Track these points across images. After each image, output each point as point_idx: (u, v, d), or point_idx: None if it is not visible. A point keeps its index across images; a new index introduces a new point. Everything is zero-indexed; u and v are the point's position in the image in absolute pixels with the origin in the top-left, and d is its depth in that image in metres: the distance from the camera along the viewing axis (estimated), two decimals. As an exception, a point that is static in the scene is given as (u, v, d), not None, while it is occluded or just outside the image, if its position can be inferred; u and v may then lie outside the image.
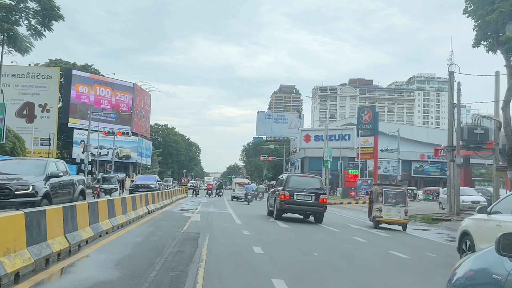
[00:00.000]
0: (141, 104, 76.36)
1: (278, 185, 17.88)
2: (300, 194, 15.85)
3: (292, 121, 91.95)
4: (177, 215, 16.46)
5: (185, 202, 27.70)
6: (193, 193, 39.18)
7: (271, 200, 18.26)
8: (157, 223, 13.66)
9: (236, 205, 28.78)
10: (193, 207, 22.51)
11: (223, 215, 18.30)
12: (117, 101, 69.17)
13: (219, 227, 13.06)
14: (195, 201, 30.86)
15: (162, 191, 23.10)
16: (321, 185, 16.96)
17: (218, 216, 17.79)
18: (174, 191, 29.06)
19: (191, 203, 26.44)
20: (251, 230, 12.89)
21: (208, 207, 23.17)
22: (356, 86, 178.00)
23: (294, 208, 16.21)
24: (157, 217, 15.85)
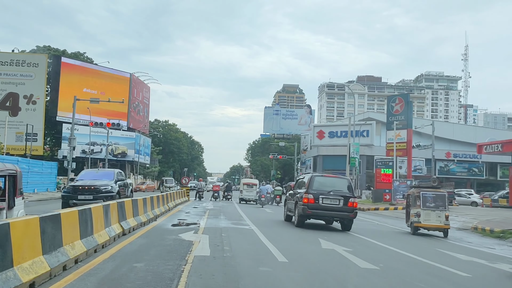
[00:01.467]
0: (139, 96, 69.81)
1: (298, 187, 16.05)
2: (326, 198, 14.05)
3: (302, 117, 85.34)
4: (169, 241, 9.68)
5: (185, 210, 21.08)
6: (196, 196, 32.68)
7: (290, 204, 16.35)
8: (117, 271, 6.59)
9: (251, 211, 22.57)
10: (196, 219, 15.92)
11: (245, 235, 11.72)
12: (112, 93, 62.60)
13: (252, 278, 6.40)
14: (199, 207, 24.27)
15: (155, 196, 16.47)
16: (350, 187, 14.78)
17: (237, 236, 11.26)
18: (172, 195, 22.50)
19: (193, 212, 19.83)
20: (310, 277, 6.32)
21: (218, 218, 16.56)
22: (364, 83, 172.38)
23: (319, 213, 14.32)
24: (132, 245, 9.16)
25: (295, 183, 17.95)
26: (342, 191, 14.38)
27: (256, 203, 33.22)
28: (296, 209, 14.78)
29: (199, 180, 33.88)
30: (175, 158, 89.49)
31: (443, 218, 14.40)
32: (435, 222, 14.44)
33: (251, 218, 17.74)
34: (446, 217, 14.44)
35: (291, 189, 18.20)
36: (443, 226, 14.50)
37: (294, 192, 16.03)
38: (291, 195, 16.48)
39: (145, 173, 75.94)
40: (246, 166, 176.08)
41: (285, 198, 18.45)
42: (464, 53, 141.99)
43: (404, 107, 40.04)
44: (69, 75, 57.72)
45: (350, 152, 37.03)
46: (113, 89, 62.20)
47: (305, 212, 14.06)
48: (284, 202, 18.75)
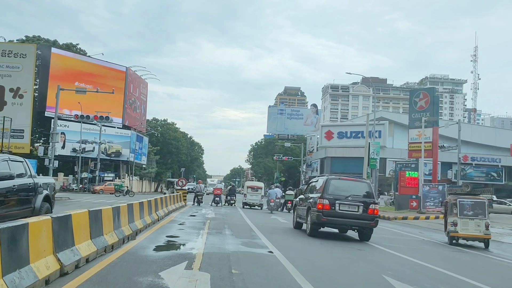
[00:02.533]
0: (136, 92, 65.52)
1: (310, 191, 14.66)
2: (343, 204, 12.54)
3: (308, 117, 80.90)
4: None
5: (180, 219, 16.73)
6: (195, 201, 28.35)
7: (300, 210, 14.94)
8: None
9: (261, 220, 18.45)
10: (192, 236, 11.56)
11: (268, 270, 7.27)
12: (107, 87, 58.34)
13: None
14: (197, 214, 19.93)
15: (137, 202, 12.14)
16: (370, 192, 13.16)
17: (257, 274, 6.86)
18: (164, 200, 18.16)
19: (189, 223, 15.46)
20: None
21: (222, 235, 12.16)
22: (369, 85, 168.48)
23: (336, 221, 12.74)
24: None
25: (307, 187, 16.07)
26: (361, 196, 12.89)
27: (261, 208, 29.50)
28: (309, 216, 13.24)
29: (198, 182, 29.49)
30: (174, 159, 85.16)
31: (483, 227, 13.38)
32: (474, 232, 13.42)
33: (266, 232, 13.44)
34: (486, 226, 13.41)
35: (302, 193, 16.39)
36: (483, 236, 13.45)
37: (306, 197, 14.53)
38: (302, 200, 14.97)
39: (142, 174, 71.58)
40: (247, 169, 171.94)
41: (295, 203, 16.78)
42: (474, 54, 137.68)
43: (429, 102, 35.74)
44: (60, 67, 53.44)
45: (369, 152, 32.66)
46: (108, 83, 57.87)
47: (319, 219, 12.57)
48: (293, 207, 17.25)
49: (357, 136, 62.38)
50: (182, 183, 27.88)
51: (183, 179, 28.53)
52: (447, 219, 14.33)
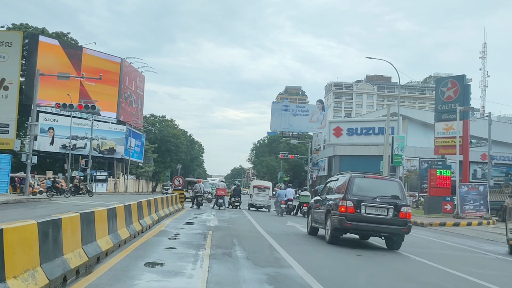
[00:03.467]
0: (132, 86, 61.41)
1: (327, 192, 12.73)
2: (370, 206, 10.85)
3: (313, 113, 76.76)
4: None
5: (172, 229, 12.67)
6: (194, 203, 24.32)
7: (317, 214, 12.97)
8: None
9: (277, 228, 14.67)
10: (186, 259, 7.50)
11: None
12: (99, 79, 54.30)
13: None
14: (196, 222, 15.89)
15: (109, 208, 8.03)
16: (401, 192, 11.24)
17: None
18: (154, 203, 14.11)
19: (185, 236, 11.36)
20: None
21: (232, 259, 8.03)
22: (373, 83, 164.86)
23: (362, 227, 10.92)
24: None
25: (324, 187, 14.09)
26: (390, 197, 11.25)
27: (269, 210, 25.99)
28: (329, 221, 11.65)
29: (198, 181, 25.37)
30: (173, 157, 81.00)
31: None
32: None
33: (291, 249, 9.48)
34: None
35: (318, 194, 14.29)
36: None
37: (323, 198, 12.94)
38: (318, 202, 13.31)
39: (138, 173, 67.47)
40: (248, 168, 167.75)
41: (309, 205, 14.71)
42: (482, 51, 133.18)
43: (459, 92, 31.67)
44: (49, 57, 49.33)
45: (393, 148, 28.60)
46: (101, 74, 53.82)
47: (342, 224, 10.99)
48: (307, 210, 15.33)
49: (368, 133, 58.31)
50: (178, 182, 23.78)
51: (180, 178, 24.38)
52: (507, 225, 12.79)
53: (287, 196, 24.60)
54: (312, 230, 13.58)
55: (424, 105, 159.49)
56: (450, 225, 21.90)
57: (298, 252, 9.40)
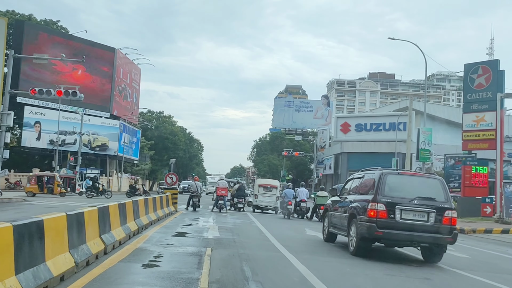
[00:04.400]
0: (126, 78, 57.67)
1: (348, 192, 11.03)
2: (407, 210, 9.06)
3: (318, 109, 73.02)
4: None
5: (155, 244, 8.98)
6: (189, 205, 20.63)
7: (336, 217, 11.13)
8: None
9: (297, 239, 11.40)
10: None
11: None
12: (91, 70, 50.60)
13: None
14: (190, 231, 12.30)
15: (74, 213, 4.25)
16: (444, 192, 9.46)
17: None
18: (134, 206, 10.42)
19: (168, 258, 7.68)
20: None
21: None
22: (377, 80, 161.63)
23: (397, 236, 9.08)
24: None
25: (344, 186, 11.99)
26: (431, 198, 9.27)
27: (276, 213, 22.80)
28: (353, 228, 9.55)
29: (193, 179, 21.63)
30: (170, 155, 77.23)
31: None
32: None
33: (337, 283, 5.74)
34: None
35: (337, 194, 12.09)
36: None
37: (343, 199, 11.00)
38: (337, 204, 11.34)
39: (133, 171, 63.72)
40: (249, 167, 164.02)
41: (326, 207, 12.67)
42: (490, 47, 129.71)
43: (491, 79, 27.91)
44: (35, 46, 45.56)
45: (419, 141, 24.92)
46: (92, 65, 50.18)
47: (371, 233, 8.94)
48: (323, 213, 13.18)
49: (378, 129, 54.65)
50: (171, 180, 20.04)
51: (173, 175, 20.53)
52: None
53: (300, 196, 21.02)
54: (329, 237, 11.73)
55: (429, 103, 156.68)
56: (498, 232, 18.26)
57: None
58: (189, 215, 17.72)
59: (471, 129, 28.54)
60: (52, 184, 30.23)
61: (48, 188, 30.19)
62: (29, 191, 29.73)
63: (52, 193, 29.75)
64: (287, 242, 10.76)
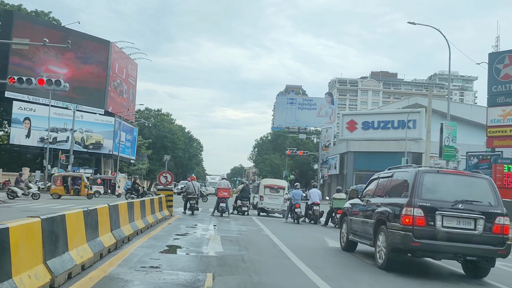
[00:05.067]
0: (122, 74, 55.10)
1: (372, 193, 9.45)
2: (450, 216, 7.66)
3: (322, 107, 70.47)
4: None
5: (132, 272, 6.37)
6: (187, 208, 18.10)
7: (356, 223, 9.72)
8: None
9: (323, 254, 8.80)
10: None
11: None
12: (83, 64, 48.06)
13: None
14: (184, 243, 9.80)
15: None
16: (493, 195, 7.98)
17: None
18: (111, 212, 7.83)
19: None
20: None
21: None
22: (379, 79, 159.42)
23: (438, 247, 7.60)
24: None
25: (367, 186, 10.12)
26: (479, 202, 7.85)
27: (283, 216, 20.20)
28: (382, 236, 8.14)
29: (190, 179, 19.04)
30: (169, 154, 74.72)
31: None
32: None
33: None
34: None
35: (358, 196, 10.33)
36: None
37: (365, 201, 9.54)
38: (358, 208, 9.79)
39: (130, 171, 61.14)
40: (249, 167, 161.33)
41: (344, 210, 10.84)
42: (495, 45, 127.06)
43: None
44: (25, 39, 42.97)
45: (442, 137, 22.39)
46: (85, 59, 47.67)
47: (407, 243, 7.52)
48: (340, 218, 11.37)
49: (386, 127, 52.05)
50: (166, 180, 17.47)
51: (168, 173, 17.93)
52: None
53: (311, 198, 18.44)
54: (348, 245, 10.22)
55: (439, 100, 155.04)
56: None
57: None
58: (186, 221, 15.15)
59: (497, 125, 26.11)
60: (79, 185, 28.23)
61: (74, 189, 28.31)
62: (55, 193, 27.86)
63: (79, 194, 27.84)
64: (311, 259, 8.23)
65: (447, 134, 22.63)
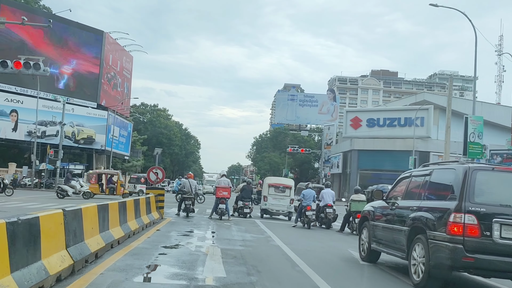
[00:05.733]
0: (116, 66, 52.60)
1: (404, 195, 7.99)
2: (510, 224, 6.20)
3: (323, 104, 68.07)
4: None
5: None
6: (181, 209, 15.73)
7: (381, 230, 8.28)
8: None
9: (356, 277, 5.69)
10: None
11: None
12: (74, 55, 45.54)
13: None
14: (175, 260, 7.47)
15: None
16: None
17: None
18: (68, 220, 5.40)
19: None
20: None
21: None
22: (379, 78, 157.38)
23: (499, 264, 6.14)
24: None
25: (394, 186, 8.65)
26: None
27: (289, 219, 18.37)
28: (421, 248, 6.73)
29: (187, 177, 16.62)
30: (165, 151, 72.18)
31: None
32: None
33: None
34: None
35: (382, 197, 8.74)
36: None
37: (391, 204, 8.06)
38: (382, 211, 8.33)
39: (124, 168, 58.68)
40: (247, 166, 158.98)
41: (363, 214, 9.28)
42: (499, 44, 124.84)
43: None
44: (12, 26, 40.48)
45: (467, 133, 20.06)
46: (77, 49, 45.17)
47: (458, 258, 6.13)
48: (359, 222, 9.52)
49: (392, 124, 49.72)
50: (156, 177, 15.00)
51: (158, 169, 15.36)
52: None
53: (324, 200, 16.11)
54: (369, 256, 8.75)
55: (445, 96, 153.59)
56: None
57: None
58: (179, 225, 12.75)
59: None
60: (114, 183, 25.96)
61: (110, 188, 26.15)
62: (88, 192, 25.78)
63: (114, 194, 25.65)
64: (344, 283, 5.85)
65: (472, 129, 20.31)
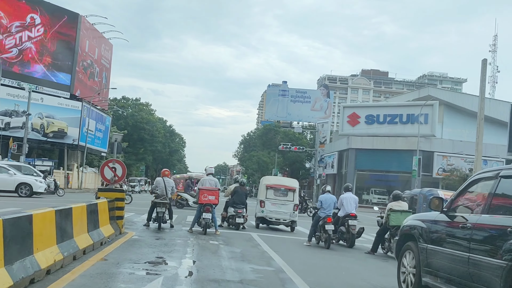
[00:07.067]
0: (93, 53, 47.93)
1: (486, 207, 5.01)
2: None
3: (316, 100, 64.36)
4: None
5: None
6: (151, 219, 11.58)
7: (444, 260, 5.42)
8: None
9: None
10: None
11: None
12: (44, 39, 40.92)
13: None
14: None
15: None
16: None
17: None
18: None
19: None
20: None
21: None
22: (370, 77, 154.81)
23: None
24: None
25: (462, 191, 5.80)
26: None
27: (293, 230, 15.11)
28: None
29: (163, 174, 12.45)
30: (147, 148, 67.76)
31: None
32: None
33: None
34: None
35: (441, 208, 5.83)
36: None
37: (458, 221, 5.34)
38: (439, 226, 5.79)
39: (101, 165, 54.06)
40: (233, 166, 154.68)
41: (402, 231, 6.59)
42: (493, 43, 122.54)
43: None
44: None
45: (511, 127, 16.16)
46: (48, 33, 40.57)
47: None
48: (397, 243, 6.83)
49: (393, 121, 46.00)
50: (113, 174, 10.75)
51: (117, 163, 10.99)
52: None
53: (345, 208, 11.98)
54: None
55: (450, 91, 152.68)
56: None
57: None
58: (140, 248, 8.57)
59: None
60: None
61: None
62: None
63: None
64: None
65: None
